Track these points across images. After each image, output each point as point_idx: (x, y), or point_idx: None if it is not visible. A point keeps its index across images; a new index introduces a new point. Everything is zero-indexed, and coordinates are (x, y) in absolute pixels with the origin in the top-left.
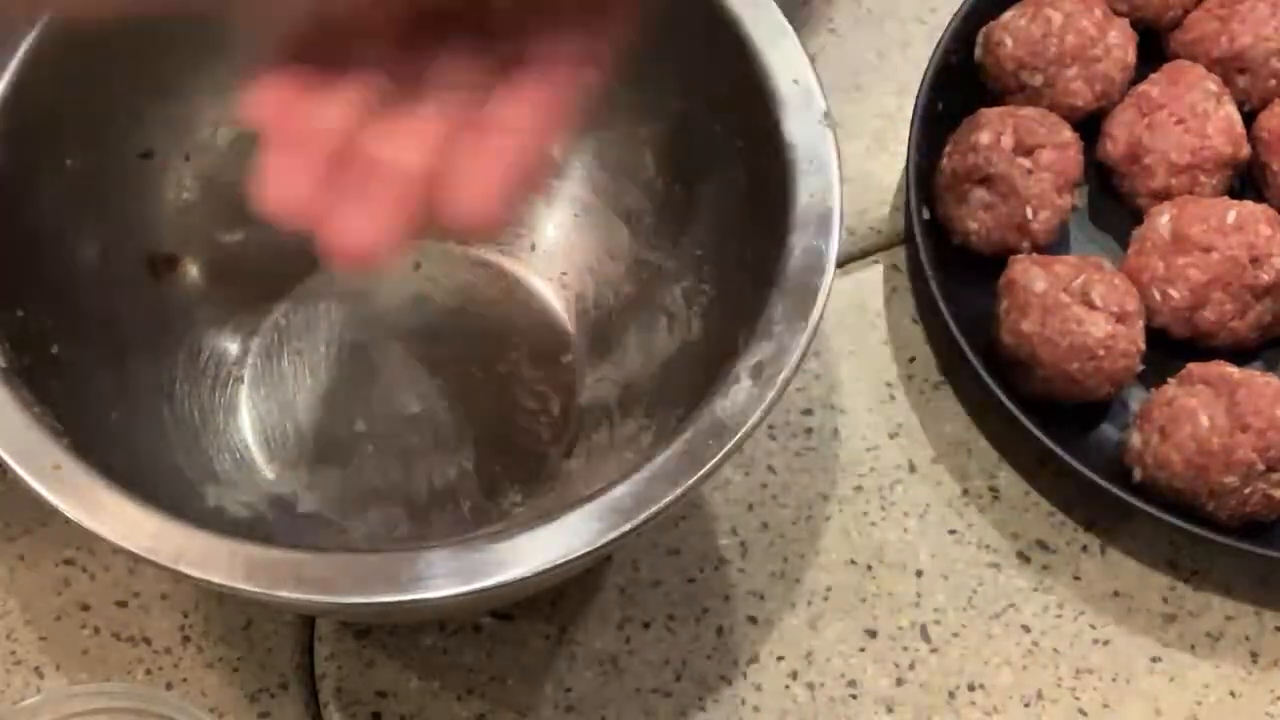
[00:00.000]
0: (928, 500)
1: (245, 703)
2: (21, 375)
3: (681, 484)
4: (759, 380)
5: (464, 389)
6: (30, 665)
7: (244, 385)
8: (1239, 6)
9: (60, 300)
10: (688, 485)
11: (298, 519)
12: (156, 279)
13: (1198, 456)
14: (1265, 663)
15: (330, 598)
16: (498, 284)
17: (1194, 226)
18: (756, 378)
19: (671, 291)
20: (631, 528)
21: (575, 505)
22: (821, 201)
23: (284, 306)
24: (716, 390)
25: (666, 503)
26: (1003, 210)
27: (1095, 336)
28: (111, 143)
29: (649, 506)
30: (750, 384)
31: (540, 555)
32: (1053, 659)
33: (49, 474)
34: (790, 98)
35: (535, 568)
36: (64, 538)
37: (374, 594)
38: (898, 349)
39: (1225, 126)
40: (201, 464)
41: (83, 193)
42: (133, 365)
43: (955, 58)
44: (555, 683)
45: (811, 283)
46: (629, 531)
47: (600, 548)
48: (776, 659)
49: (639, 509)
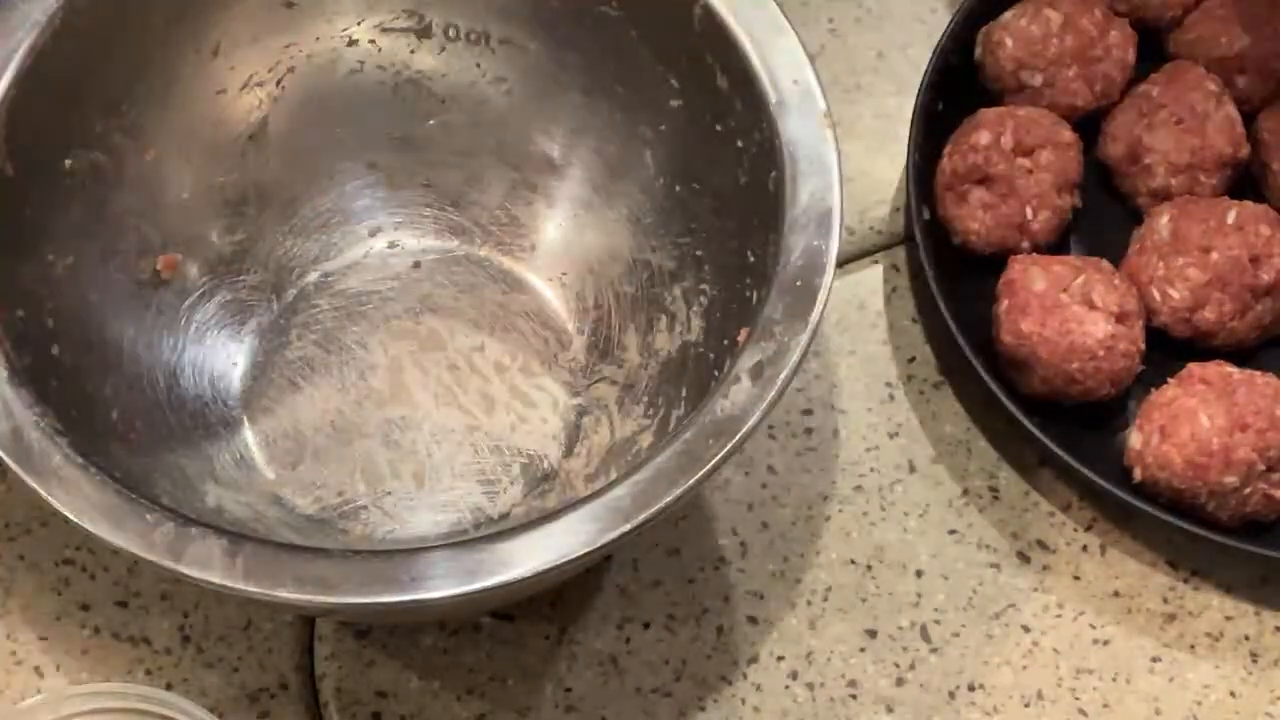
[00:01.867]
0: (928, 500)
1: (245, 703)
2: (22, 376)
3: (681, 484)
4: (759, 380)
5: (464, 389)
6: (30, 665)
7: (244, 385)
8: (1239, 7)
9: (60, 301)
10: (687, 486)
11: (298, 519)
12: (156, 280)
13: (1198, 456)
14: (1265, 663)
15: (330, 598)
16: (498, 284)
17: (1194, 226)
18: (757, 378)
19: (671, 291)
20: (631, 528)
21: (575, 506)
22: (821, 201)
23: (283, 307)
24: (717, 390)
25: (666, 503)
26: (1003, 210)
27: (1095, 336)
28: (110, 143)
29: (649, 507)
30: (750, 384)
31: (540, 555)
32: (1053, 659)
33: (49, 475)
34: (790, 97)
35: (535, 568)
36: (64, 538)
37: (375, 594)
38: (898, 349)
39: (1225, 126)
40: (201, 464)
41: (81, 194)
42: (131, 366)
43: (955, 58)
44: (555, 683)
45: (812, 282)
46: (629, 532)
47: (600, 548)
48: (776, 659)
49: (638, 509)
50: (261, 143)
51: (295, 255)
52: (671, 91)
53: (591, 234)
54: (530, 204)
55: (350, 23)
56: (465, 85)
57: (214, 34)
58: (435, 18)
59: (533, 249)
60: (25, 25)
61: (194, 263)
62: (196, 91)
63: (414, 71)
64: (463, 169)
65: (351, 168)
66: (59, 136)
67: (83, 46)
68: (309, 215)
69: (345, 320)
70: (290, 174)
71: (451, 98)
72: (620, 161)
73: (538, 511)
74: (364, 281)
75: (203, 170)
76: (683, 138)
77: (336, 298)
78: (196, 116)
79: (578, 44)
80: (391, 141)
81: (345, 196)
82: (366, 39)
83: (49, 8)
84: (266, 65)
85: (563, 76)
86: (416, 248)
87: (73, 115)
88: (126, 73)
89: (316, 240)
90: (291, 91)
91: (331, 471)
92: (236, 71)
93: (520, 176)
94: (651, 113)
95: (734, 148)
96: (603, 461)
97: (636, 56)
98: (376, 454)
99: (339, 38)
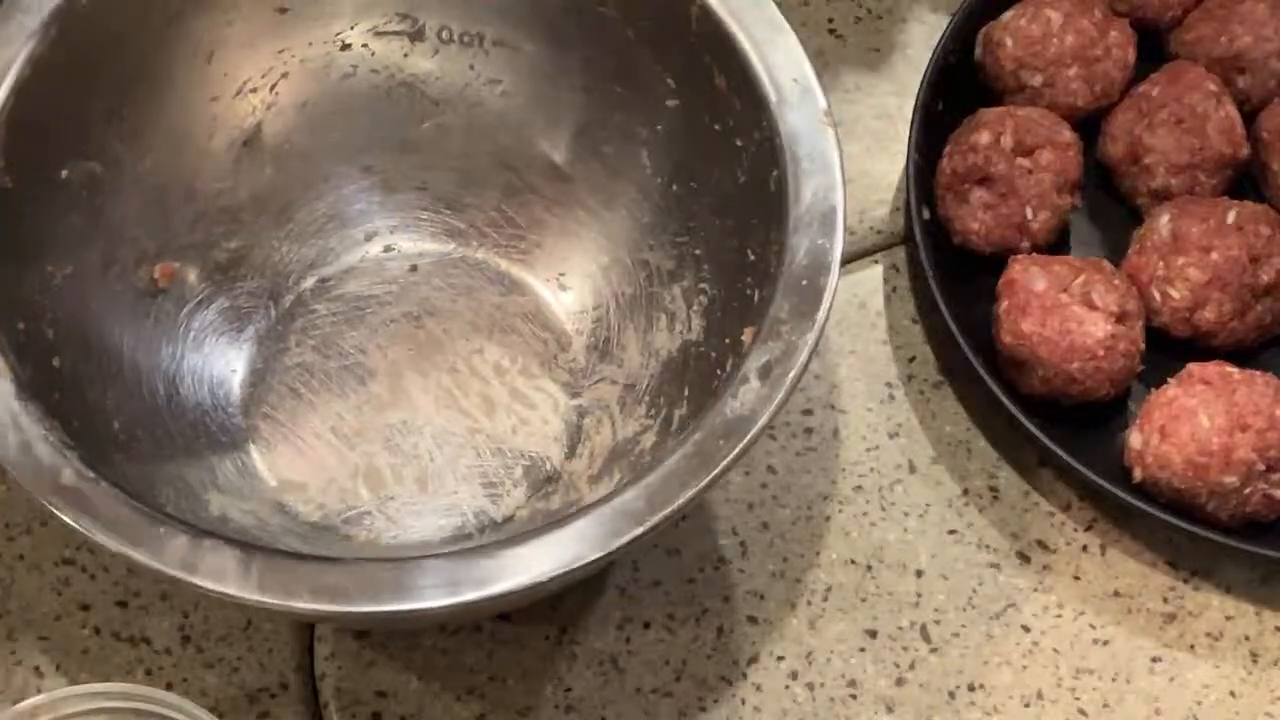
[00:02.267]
0: (928, 500)
1: (245, 703)
2: (28, 389)
3: (693, 486)
4: (768, 380)
5: (464, 392)
6: (30, 665)
7: (244, 392)
8: (1239, 7)
9: (59, 312)
10: (699, 487)
11: (302, 526)
12: (154, 288)
13: (1198, 456)
14: (1265, 663)
15: (346, 607)
16: (495, 286)
17: (1194, 226)
18: (765, 377)
19: (671, 291)
20: (644, 531)
21: (587, 510)
22: (824, 200)
23: (281, 313)
24: (725, 391)
25: (679, 505)
26: (1003, 210)
27: (1095, 336)
28: (106, 152)
29: (661, 510)
30: (759, 384)
31: (554, 560)
32: (1053, 659)
33: (59, 488)
34: (790, 96)
35: (550, 573)
36: (64, 538)
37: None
38: (898, 349)
39: (1225, 126)
40: (204, 473)
41: (78, 204)
42: (132, 375)
43: (955, 58)
44: (555, 683)
45: (817, 281)
46: (642, 535)
47: (614, 551)
48: (776, 659)
49: (651, 512)
50: (256, 149)
51: (292, 261)
52: (669, 91)
53: (589, 234)
54: (527, 205)
55: (343, 27)
56: (460, 87)
57: (207, 41)
58: (429, 20)
59: (530, 251)
60: (22, 36)
61: (191, 271)
62: (191, 99)
63: (408, 74)
64: (458, 171)
65: (347, 172)
66: (56, 146)
67: (79, 56)
68: (305, 220)
69: (343, 325)
70: (285, 179)
71: (446, 100)
72: (617, 162)
73: (541, 513)
74: (361, 286)
75: (198, 177)
76: (680, 137)
77: (334, 303)
78: (191, 123)
79: (573, 44)
80: (387, 145)
81: (341, 201)
82: (360, 43)
83: (45, 18)
84: (260, 71)
85: (558, 77)
86: (413, 251)
87: (69, 125)
88: (121, 81)
89: (313, 245)
90: (286, 97)
91: (334, 477)
92: (230, 78)
93: (516, 178)
94: (649, 113)
95: (733, 147)
96: (606, 462)
97: (633, 56)
98: (378, 459)
99: (332, 42)
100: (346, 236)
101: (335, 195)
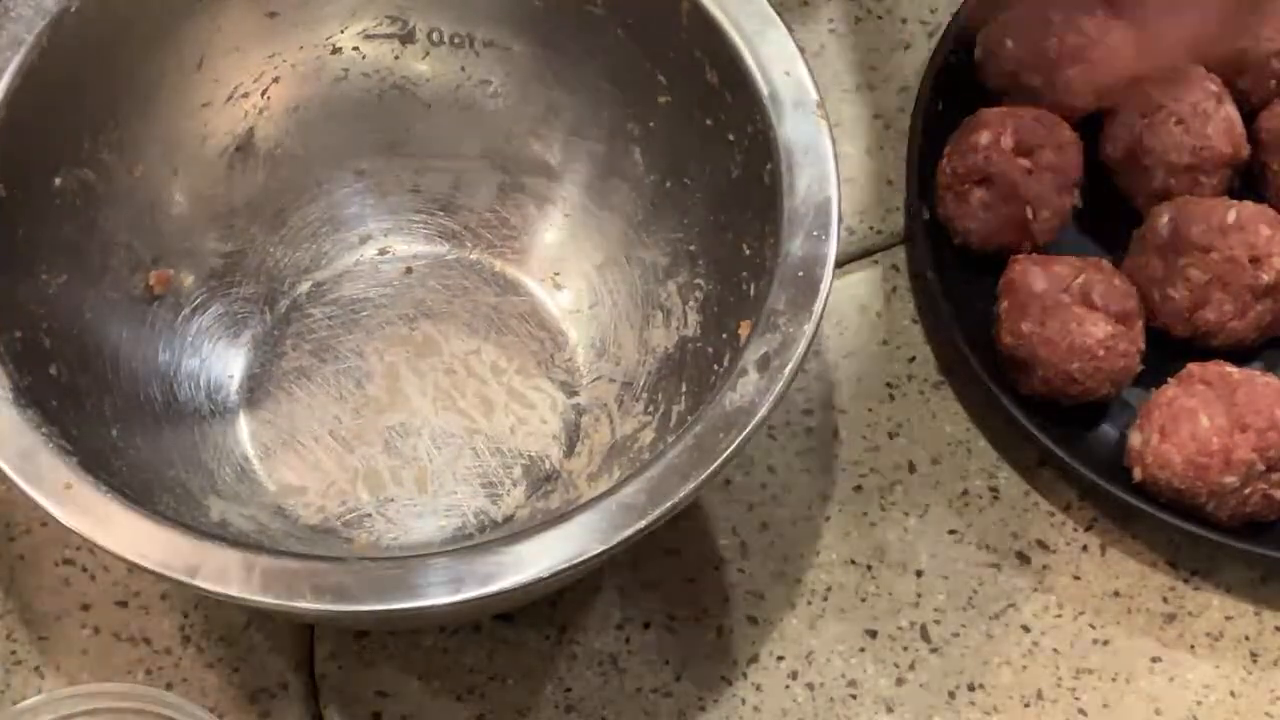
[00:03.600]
0: (928, 500)
1: (245, 703)
2: (27, 396)
3: (694, 479)
4: (766, 372)
5: (462, 393)
6: (30, 665)
7: (241, 397)
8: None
9: (55, 320)
10: (700, 480)
11: (302, 529)
12: (149, 295)
13: (1198, 456)
14: (1265, 663)
15: (350, 606)
16: (490, 287)
17: (1194, 226)
18: (763, 370)
19: (666, 287)
20: (647, 524)
21: (589, 505)
22: (819, 192)
23: (276, 317)
24: (723, 384)
25: (680, 498)
26: (1003, 210)
27: (1095, 336)
28: (98, 161)
29: (663, 503)
30: (757, 376)
31: (557, 555)
32: (1053, 659)
33: (61, 494)
34: (782, 90)
35: (553, 567)
36: (64, 538)
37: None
38: (898, 349)
39: (1225, 126)
40: (203, 478)
41: (72, 212)
42: (129, 382)
43: (955, 58)
44: (555, 683)
45: (813, 273)
46: (645, 528)
47: (616, 545)
48: (776, 659)
49: (653, 505)
50: (248, 154)
51: (286, 265)
52: (660, 88)
53: (583, 233)
54: (520, 206)
55: (334, 30)
56: (451, 89)
57: (197, 47)
58: (419, 22)
59: (524, 251)
60: (12, 46)
61: (186, 277)
62: (182, 105)
63: (399, 77)
64: (451, 173)
65: (339, 175)
66: (48, 155)
67: (69, 66)
68: (298, 225)
69: (339, 329)
70: (278, 184)
71: (437, 102)
72: (609, 160)
73: (541, 513)
74: (356, 289)
75: (191, 184)
76: (672, 134)
77: (329, 306)
78: (183, 130)
79: (563, 43)
80: (379, 148)
81: (334, 204)
82: (350, 46)
83: (35, 28)
84: (251, 76)
85: (549, 77)
86: (408, 253)
87: (61, 134)
88: (112, 89)
89: (307, 249)
90: (277, 102)
91: (333, 480)
92: (221, 84)
93: (509, 178)
94: (640, 110)
95: (725, 142)
96: (605, 460)
97: (623, 54)
98: (377, 461)
99: (323, 46)
100: (340, 240)
101: (329, 199)
